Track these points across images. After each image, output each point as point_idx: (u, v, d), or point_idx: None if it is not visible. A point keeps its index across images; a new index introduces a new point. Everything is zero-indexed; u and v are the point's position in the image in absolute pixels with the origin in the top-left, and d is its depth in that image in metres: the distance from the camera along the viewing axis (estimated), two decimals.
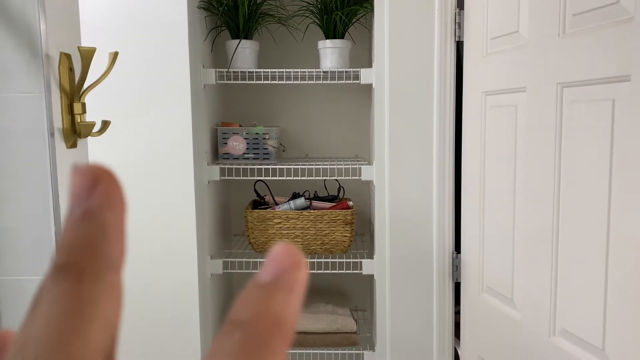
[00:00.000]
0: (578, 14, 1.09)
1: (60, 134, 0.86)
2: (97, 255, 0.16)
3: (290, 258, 0.17)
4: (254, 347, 0.15)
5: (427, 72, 1.65)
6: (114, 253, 0.17)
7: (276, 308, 0.16)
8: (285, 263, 0.17)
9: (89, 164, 0.17)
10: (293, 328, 0.17)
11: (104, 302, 0.16)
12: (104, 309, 0.16)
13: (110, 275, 0.16)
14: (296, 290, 0.17)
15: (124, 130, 1.67)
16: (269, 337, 0.16)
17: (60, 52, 0.86)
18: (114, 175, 0.17)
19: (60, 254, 0.16)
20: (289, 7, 2.04)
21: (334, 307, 2.00)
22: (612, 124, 1.01)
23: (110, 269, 0.16)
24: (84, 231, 0.16)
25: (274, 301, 0.16)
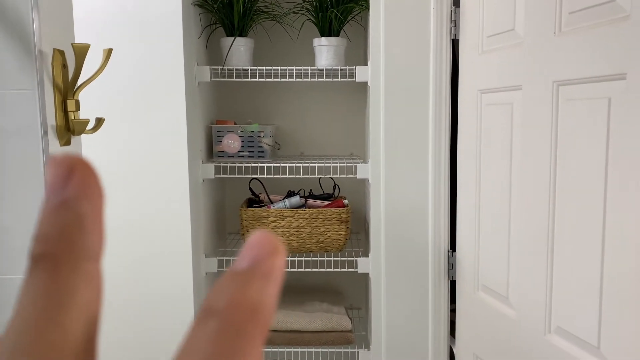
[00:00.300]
0: (574, 12, 1.09)
1: (54, 132, 0.85)
2: (73, 245, 0.16)
3: (267, 246, 0.17)
4: (229, 336, 0.15)
5: (422, 70, 1.64)
6: (91, 242, 0.16)
7: (253, 296, 0.16)
8: (262, 251, 0.17)
9: (65, 154, 0.17)
10: (270, 316, 0.16)
11: (83, 291, 0.16)
12: (82, 298, 0.16)
13: (88, 265, 0.16)
14: (273, 278, 0.17)
15: (118, 128, 1.66)
16: (244, 326, 0.15)
17: (53, 48, 0.85)
18: (90, 165, 0.17)
19: (36, 245, 0.16)
20: (284, 5, 2.03)
21: (329, 306, 2.00)
22: (607, 122, 1.01)
23: (87, 259, 0.16)
24: (60, 221, 0.16)
25: (251, 289, 0.16)
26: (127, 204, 1.68)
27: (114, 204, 1.68)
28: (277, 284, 0.17)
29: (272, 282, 0.17)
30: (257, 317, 0.16)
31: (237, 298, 0.16)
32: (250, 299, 0.16)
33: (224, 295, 0.16)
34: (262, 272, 0.16)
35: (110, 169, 1.67)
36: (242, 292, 0.16)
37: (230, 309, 0.15)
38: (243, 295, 0.16)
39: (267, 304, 0.16)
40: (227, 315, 0.15)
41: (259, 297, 0.16)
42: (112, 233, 1.68)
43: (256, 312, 0.16)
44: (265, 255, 0.17)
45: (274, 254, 0.17)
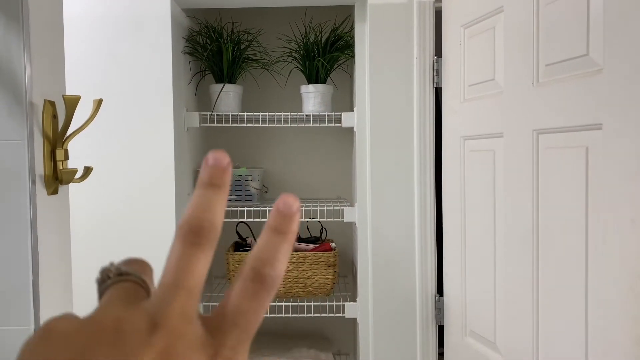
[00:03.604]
0: (550, 64, 1.14)
1: (42, 181, 0.86)
2: (216, 227, 0.23)
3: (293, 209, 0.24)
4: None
5: (407, 117, 1.69)
6: (220, 228, 0.23)
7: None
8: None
9: (221, 153, 0.23)
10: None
11: (207, 265, 0.22)
12: (204, 272, 0.22)
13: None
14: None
15: (107, 173, 1.66)
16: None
17: (44, 99, 0.86)
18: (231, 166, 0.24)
19: (191, 219, 0.22)
20: (272, 53, 2.08)
21: (316, 352, 1.97)
22: (586, 170, 1.04)
23: (215, 240, 0.23)
24: (210, 205, 0.23)
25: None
26: (114, 250, 1.66)
27: (101, 251, 1.66)
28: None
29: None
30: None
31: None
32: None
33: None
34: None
35: (97, 214, 1.66)
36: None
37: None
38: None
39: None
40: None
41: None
42: None
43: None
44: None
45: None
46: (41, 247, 0.85)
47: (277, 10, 2.16)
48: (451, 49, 1.57)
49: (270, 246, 0.23)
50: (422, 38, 1.65)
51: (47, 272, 0.87)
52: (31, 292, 0.84)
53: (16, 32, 0.83)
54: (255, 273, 0.23)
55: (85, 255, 1.66)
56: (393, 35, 1.68)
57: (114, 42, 1.66)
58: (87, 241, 1.66)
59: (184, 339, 0.21)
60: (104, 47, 1.66)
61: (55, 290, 0.91)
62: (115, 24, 1.66)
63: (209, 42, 1.90)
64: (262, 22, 2.16)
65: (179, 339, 0.21)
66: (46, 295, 0.86)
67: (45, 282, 0.86)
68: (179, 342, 0.21)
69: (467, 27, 1.48)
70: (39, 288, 0.85)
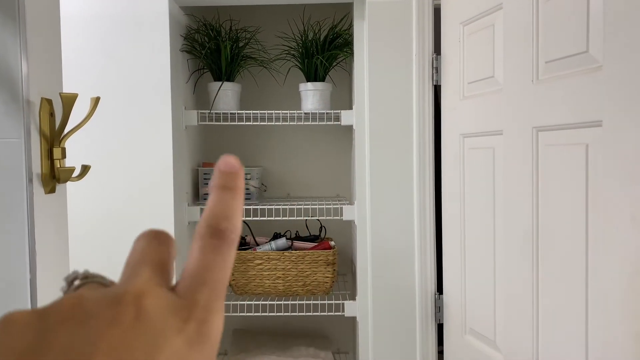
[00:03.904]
0: (550, 61, 1.14)
1: (39, 180, 0.85)
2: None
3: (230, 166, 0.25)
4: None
5: (406, 115, 1.68)
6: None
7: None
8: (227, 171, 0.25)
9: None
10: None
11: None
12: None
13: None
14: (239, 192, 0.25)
15: (106, 171, 1.65)
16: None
17: (41, 97, 0.86)
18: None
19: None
20: (270, 51, 2.08)
21: (316, 351, 1.96)
22: (586, 167, 1.03)
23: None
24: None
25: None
26: (113, 246, 1.66)
27: (99, 250, 1.66)
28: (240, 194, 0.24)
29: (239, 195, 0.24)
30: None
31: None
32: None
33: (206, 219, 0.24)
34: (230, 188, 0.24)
35: (96, 212, 1.66)
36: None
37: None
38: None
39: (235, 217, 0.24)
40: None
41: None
42: None
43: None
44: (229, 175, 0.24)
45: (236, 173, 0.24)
46: (38, 246, 0.85)
47: (275, 8, 2.15)
48: (450, 47, 1.57)
49: (222, 202, 0.24)
50: (421, 35, 1.65)
51: (45, 272, 0.87)
52: (29, 291, 0.84)
53: (12, 29, 0.82)
54: (213, 229, 0.23)
55: (84, 254, 1.65)
56: (392, 32, 1.67)
57: (111, 40, 1.65)
58: (85, 240, 1.65)
59: (152, 306, 0.20)
60: (101, 45, 1.65)
61: (53, 289, 0.90)
62: (113, 22, 1.65)
63: (207, 40, 1.89)
64: (261, 19, 2.15)
65: (146, 308, 0.20)
66: (44, 295, 0.86)
67: (43, 281, 0.86)
68: (147, 310, 0.20)
69: (466, 24, 1.48)
70: (36, 287, 0.84)
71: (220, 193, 0.24)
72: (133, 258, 0.23)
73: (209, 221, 0.23)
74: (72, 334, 0.19)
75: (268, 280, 1.87)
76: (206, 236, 0.23)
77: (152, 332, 0.20)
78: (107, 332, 0.19)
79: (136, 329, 0.19)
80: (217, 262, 0.23)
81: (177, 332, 0.20)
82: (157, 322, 0.20)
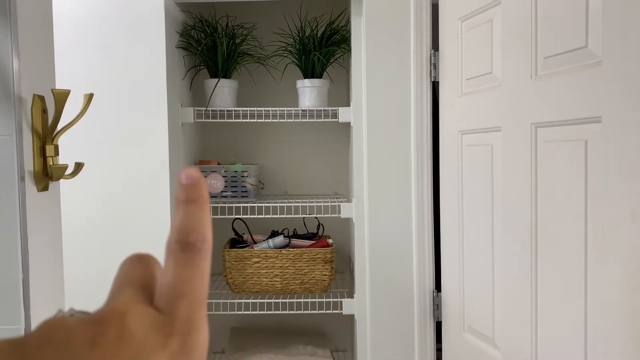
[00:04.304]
0: (549, 57, 1.13)
1: (31, 177, 0.84)
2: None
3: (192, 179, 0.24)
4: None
5: (404, 111, 1.67)
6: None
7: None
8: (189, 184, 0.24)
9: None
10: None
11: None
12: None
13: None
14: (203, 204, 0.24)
15: (102, 169, 1.64)
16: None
17: (33, 94, 0.84)
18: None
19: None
20: (267, 48, 2.07)
21: (313, 349, 1.96)
22: (585, 164, 1.03)
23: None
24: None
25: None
26: (109, 245, 1.65)
27: (94, 249, 1.65)
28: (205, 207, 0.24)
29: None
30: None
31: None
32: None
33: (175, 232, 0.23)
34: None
35: (91, 211, 1.64)
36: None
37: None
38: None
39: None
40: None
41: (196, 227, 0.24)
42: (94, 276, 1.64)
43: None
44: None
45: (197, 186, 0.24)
46: (31, 245, 0.83)
47: (272, 4, 2.14)
48: (448, 43, 1.56)
49: (188, 216, 0.23)
50: (419, 31, 1.63)
51: (38, 271, 0.85)
52: (21, 290, 0.82)
53: (3, 25, 0.80)
54: (182, 243, 0.23)
55: (79, 253, 1.64)
56: (390, 28, 1.66)
57: (107, 36, 1.64)
58: (80, 239, 1.64)
59: (135, 324, 0.20)
60: (97, 41, 1.64)
61: (46, 289, 0.89)
62: (109, 18, 1.63)
63: (203, 37, 1.88)
64: (257, 16, 2.14)
65: (129, 326, 0.20)
66: (37, 294, 0.85)
67: (36, 280, 0.85)
68: (130, 327, 0.20)
69: (465, 20, 1.47)
70: (29, 287, 0.83)
71: (185, 206, 0.23)
72: (117, 281, 0.23)
73: (177, 237, 0.23)
74: (53, 357, 0.18)
75: (265, 279, 1.86)
76: (177, 251, 0.23)
77: (136, 350, 0.19)
78: (87, 354, 0.19)
79: (119, 348, 0.19)
80: (192, 274, 0.22)
81: (161, 348, 0.20)
82: (140, 339, 0.20)
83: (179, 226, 0.23)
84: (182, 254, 0.23)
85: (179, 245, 0.23)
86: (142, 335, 0.20)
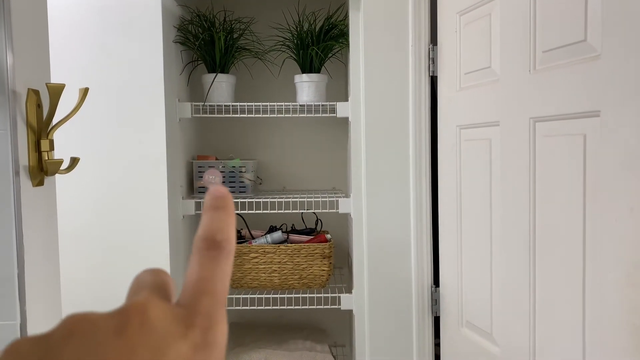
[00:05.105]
0: (547, 50, 1.12)
1: (26, 172, 0.83)
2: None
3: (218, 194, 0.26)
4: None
5: (402, 106, 1.66)
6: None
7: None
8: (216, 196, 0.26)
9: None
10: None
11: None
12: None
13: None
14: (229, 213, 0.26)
15: (98, 164, 1.63)
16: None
17: (28, 88, 0.84)
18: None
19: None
20: (265, 42, 2.06)
21: (312, 344, 1.96)
22: (584, 158, 1.02)
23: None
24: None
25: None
26: (106, 241, 1.64)
27: (91, 244, 1.64)
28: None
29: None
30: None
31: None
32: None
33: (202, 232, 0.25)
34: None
35: (88, 206, 1.64)
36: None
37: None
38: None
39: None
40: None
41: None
42: (91, 272, 1.64)
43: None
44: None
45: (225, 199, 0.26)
46: (26, 241, 0.83)
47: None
48: (447, 37, 1.55)
49: (215, 219, 0.25)
50: (417, 26, 1.62)
51: (34, 266, 0.85)
52: (16, 286, 0.82)
53: None
54: (209, 242, 0.24)
55: (76, 249, 1.64)
56: (388, 23, 1.65)
57: (103, 31, 1.63)
58: (77, 235, 1.63)
59: (156, 315, 0.21)
60: (93, 36, 1.63)
61: (42, 285, 0.88)
62: (105, 13, 1.62)
63: (200, 31, 1.87)
64: (255, 10, 2.12)
65: (150, 317, 0.21)
66: (32, 290, 0.84)
67: (32, 276, 0.84)
68: (151, 318, 0.21)
69: (463, 14, 1.46)
70: (24, 282, 0.82)
71: (213, 211, 0.25)
72: (132, 288, 0.24)
73: (205, 234, 0.24)
74: (79, 347, 0.19)
75: (264, 274, 1.85)
76: (203, 249, 0.24)
77: (157, 339, 0.20)
78: (113, 341, 0.19)
79: (141, 336, 0.20)
80: (216, 272, 0.24)
81: (181, 338, 0.21)
82: (162, 329, 0.21)
83: (207, 227, 0.24)
84: (207, 252, 0.24)
85: (206, 243, 0.24)
86: (164, 326, 0.21)
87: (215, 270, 0.24)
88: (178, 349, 0.20)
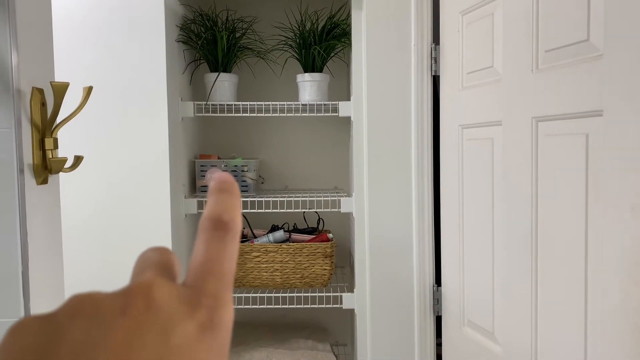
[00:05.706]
0: (550, 50, 1.12)
1: (31, 170, 0.84)
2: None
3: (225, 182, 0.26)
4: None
5: (404, 106, 1.67)
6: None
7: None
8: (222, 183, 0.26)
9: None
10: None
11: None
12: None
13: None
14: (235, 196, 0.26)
15: (101, 163, 1.64)
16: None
17: (32, 87, 0.84)
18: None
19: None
20: (268, 41, 2.06)
21: (314, 343, 1.96)
22: (586, 157, 1.02)
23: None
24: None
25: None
26: (108, 239, 1.65)
27: (94, 242, 1.65)
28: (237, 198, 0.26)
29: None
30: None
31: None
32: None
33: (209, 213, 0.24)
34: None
35: (91, 204, 1.64)
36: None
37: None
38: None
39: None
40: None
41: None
42: (94, 269, 1.64)
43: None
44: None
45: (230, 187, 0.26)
46: (31, 238, 0.83)
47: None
48: (449, 36, 1.55)
49: (221, 200, 0.25)
50: (420, 25, 1.63)
51: (38, 263, 0.85)
52: (21, 283, 0.82)
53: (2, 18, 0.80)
54: (215, 221, 0.24)
55: (78, 247, 1.64)
56: (390, 22, 1.65)
57: (106, 30, 1.63)
58: (80, 233, 1.64)
59: (161, 295, 0.21)
60: (96, 35, 1.63)
61: (46, 282, 0.89)
62: (108, 12, 1.63)
63: (203, 30, 1.87)
64: (257, 9, 2.13)
65: (155, 297, 0.20)
66: (36, 287, 0.85)
67: (36, 273, 0.85)
68: (156, 298, 0.20)
69: (465, 13, 1.46)
70: (29, 279, 0.83)
71: (219, 194, 0.25)
72: (137, 267, 0.24)
73: (211, 215, 0.24)
74: (84, 326, 0.19)
75: (266, 273, 1.86)
76: (210, 229, 0.24)
77: (163, 318, 0.20)
78: (118, 321, 0.19)
79: (147, 316, 0.20)
80: (222, 252, 0.23)
81: (188, 318, 0.21)
82: (167, 309, 0.20)
83: (213, 207, 0.24)
84: (214, 232, 0.24)
85: (212, 223, 0.24)
86: (169, 306, 0.21)
87: (221, 250, 0.23)
88: (184, 329, 0.20)
